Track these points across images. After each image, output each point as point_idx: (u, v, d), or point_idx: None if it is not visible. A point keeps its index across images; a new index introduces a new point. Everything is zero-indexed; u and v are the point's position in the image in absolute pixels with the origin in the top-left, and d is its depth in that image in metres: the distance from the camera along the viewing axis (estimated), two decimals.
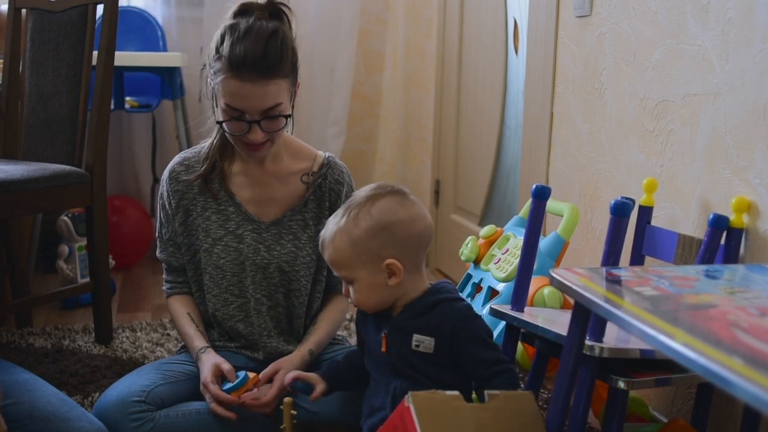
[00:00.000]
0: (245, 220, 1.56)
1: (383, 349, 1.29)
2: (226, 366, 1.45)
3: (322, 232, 1.32)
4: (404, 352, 1.27)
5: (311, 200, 1.58)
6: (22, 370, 1.44)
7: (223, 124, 1.45)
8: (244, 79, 1.38)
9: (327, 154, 1.63)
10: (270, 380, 1.47)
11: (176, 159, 1.60)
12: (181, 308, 1.60)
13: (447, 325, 1.26)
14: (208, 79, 1.46)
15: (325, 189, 1.59)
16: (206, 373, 1.44)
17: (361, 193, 1.30)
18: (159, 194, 1.61)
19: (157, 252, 1.64)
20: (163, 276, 1.66)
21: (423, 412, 1.12)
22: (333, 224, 1.29)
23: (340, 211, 1.30)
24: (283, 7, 1.46)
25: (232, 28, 1.40)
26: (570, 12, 1.96)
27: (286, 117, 1.45)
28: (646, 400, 1.62)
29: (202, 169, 1.55)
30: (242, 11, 1.44)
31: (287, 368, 1.47)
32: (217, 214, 1.56)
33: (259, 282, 1.56)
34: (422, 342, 1.26)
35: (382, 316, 1.31)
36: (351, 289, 1.30)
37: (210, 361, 1.46)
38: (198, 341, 1.53)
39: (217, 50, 1.41)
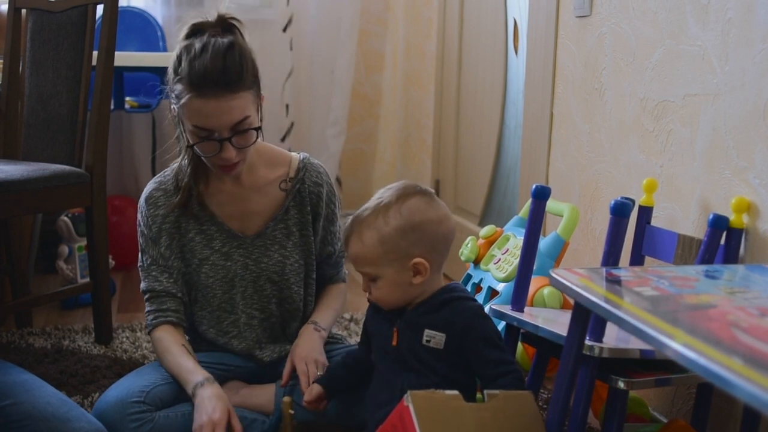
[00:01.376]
0: (229, 237, 1.54)
1: (394, 342, 1.30)
2: (236, 423, 1.36)
3: (346, 228, 1.31)
4: (415, 347, 1.29)
5: (292, 207, 1.57)
6: (21, 371, 1.44)
7: (195, 147, 1.42)
8: (207, 96, 1.35)
9: (302, 155, 1.60)
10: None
11: (151, 185, 1.56)
12: (172, 339, 1.48)
13: (458, 322, 1.27)
14: (172, 105, 1.43)
15: (304, 193, 1.57)
16: (219, 415, 1.33)
17: (390, 192, 1.30)
18: (137, 222, 1.56)
19: (141, 285, 1.56)
20: (146, 309, 1.54)
21: (422, 411, 1.12)
22: (360, 221, 1.29)
23: (367, 209, 1.30)
24: (234, 21, 1.44)
25: (187, 49, 1.38)
26: (570, 12, 1.96)
27: (256, 130, 1.43)
28: (646, 400, 1.62)
29: (178, 198, 1.51)
30: (194, 31, 1.41)
31: (303, 356, 1.47)
32: (200, 234, 1.54)
33: (249, 296, 1.56)
34: (433, 337, 1.28)
35: (395, 310, 1.33)
36: (372, 286, 1.31)
37: (222, 399, 1.36)
38: (200, 373, 1.42)
39: (176, 72, 1.38)
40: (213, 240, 1.54)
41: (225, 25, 1.43)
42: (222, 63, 1.35)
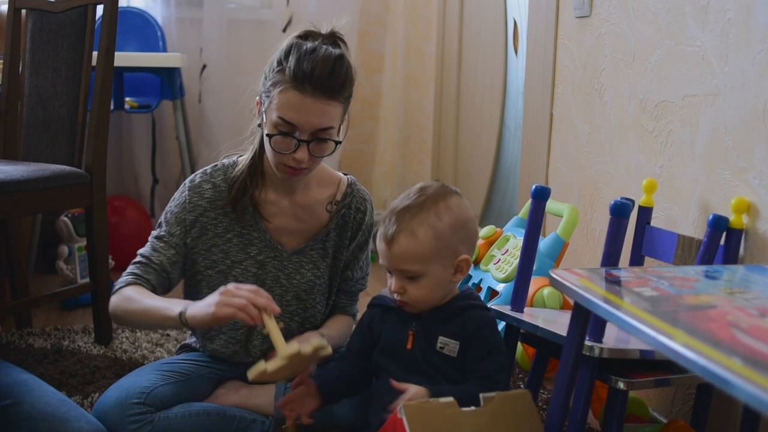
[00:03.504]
0: (267, 247, 1.53)
1: (409, 346, 1.30)
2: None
3: (387, 227, 1.28)
4: (429, 352, 1.29)
5: (333, 230, 1.57)
6: (21, 371, 1.44)
7: (271, 139, 1.41)
8: (305, 93, 1.36)
9: (349, 178, 1.60)
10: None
11: (201, 175, 1.53)
12: (143, 290, 1.44)
13: (469, 329, 1.28)
14: (260, 96, 1.44)
15: (348, 219, 1.57)
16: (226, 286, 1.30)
17: (429, 190, 1.30)
18: (173, 198, 1.54)
19: (143, 249, 1.52)
20: (126, 270, 1.49)
21: (416, 422, 1.11)
22: (408, 218, 1.26)
23: (411, 206, 1.27)
24: (341, 42, 1.46)
25: (298, 45, 1.40)
26: (570, 13, 1.96)
27: (335, 143, 1.43)
28: (646, 400, 1.62)
29: (232, 194, 1.50)
30: (304, 35, 1.44)
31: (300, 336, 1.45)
32: (239, 237, 1.52)
33: None
34: (447, 345, 1.28)
35: (408, 313, 1.33)
36: (411, 285, 1.28)
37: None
38: (181, 302, 1.37)
39: (280, 63, 1.40)
40: (250, 246, 1.53)
41: (335, 39, 1.45)
42: (330, 68, 1.37)
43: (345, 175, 1.62)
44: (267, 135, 1.42)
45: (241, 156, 1.55)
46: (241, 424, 1.45)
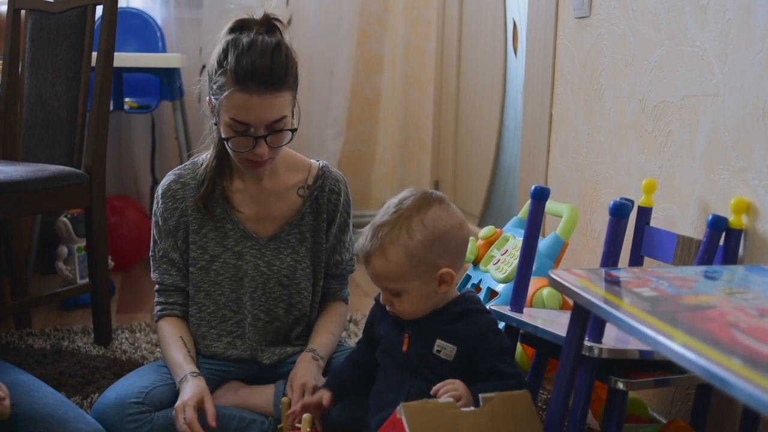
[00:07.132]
0: (243, 237, 1.54)
1: (404, 348, 1.30)
2: (209, 406, 1.37)
3: (363, 245, 1.27)
4: (425, 355, 1.28)
5: (308, 213, 1.57)
6: (20, 371, 1.44)
7: (228, 142, 1.42)
8: (251, 92, 1.36)
9: (321, 162, 1.61)
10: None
11: (170, 177, 1.56)
12: (172, 330, 1.54)
13: (471, 335, 1.27)
14: (209, 97, 1.44)
15: (322, 201, 1.57)
16: (188, 397, 1.37)
17: (407, 202, 1.27)
18: (153, 212, 1.57)
19: (151, 274, 1.59)
20: (155, 299, 1.59)
21: (416, 423, 1.11)
22: (380, 237, 1.25)
23: (386, 223, 1.26)
24: (277, 22, 1.45)
25: (234, 42, 1.39)
26: (569, 13, 1.96)
27: (292, 131, 1.45)
28: (645, 400, 1.62)
29: (201, 192, 1.52)
30: (239, 27, 1.43)
31: (302, 382, 1.43)
32: (214, 231, 1.54)
33: (258, 298, 1.55)
34: (444, 348, 1.27)
35: None
36: (395, 300, 1.28)
37: (199, 387, 1.40)
38: (189, 366, 1.46)
39: (221, 65, 1.39)
40: (227, 238, 1.54)
41: (270, 24, 1.44)
42: (269, 61, 1.37)
43: (317, 161, 1.62)
44: (223, 138, 1.44)
45: (209, 153, 1.55)
46: (241, 424, 1.45)
